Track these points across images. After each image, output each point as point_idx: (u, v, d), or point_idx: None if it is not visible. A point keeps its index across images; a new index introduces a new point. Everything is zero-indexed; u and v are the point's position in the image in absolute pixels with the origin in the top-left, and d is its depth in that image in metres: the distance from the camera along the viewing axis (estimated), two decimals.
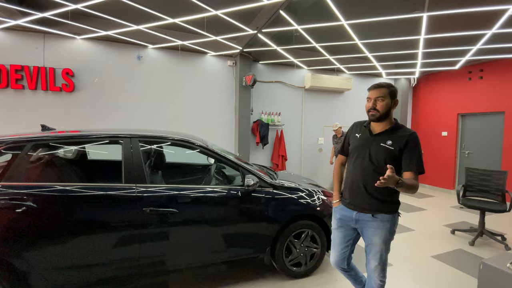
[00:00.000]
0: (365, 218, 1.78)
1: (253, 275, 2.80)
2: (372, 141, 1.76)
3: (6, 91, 4.26)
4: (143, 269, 2.19)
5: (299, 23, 3.90)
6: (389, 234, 1.75)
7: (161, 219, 2.17)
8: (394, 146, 1.69)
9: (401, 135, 1.71)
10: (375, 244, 1.77)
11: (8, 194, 1.86)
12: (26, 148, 2.01)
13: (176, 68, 5.23)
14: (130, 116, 4.93)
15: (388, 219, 1.74)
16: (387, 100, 1.72)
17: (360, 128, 1.88)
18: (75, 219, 2.01)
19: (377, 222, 1.74)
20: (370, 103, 1.75)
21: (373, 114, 1.74)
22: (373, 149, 1.73)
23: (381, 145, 1.72)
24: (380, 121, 1.75)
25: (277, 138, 6.07)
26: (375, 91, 1.75)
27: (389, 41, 4.61)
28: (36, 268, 1.90)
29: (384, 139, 1.73)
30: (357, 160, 1.80)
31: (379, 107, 1.72)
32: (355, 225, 1.84)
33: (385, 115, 1.73)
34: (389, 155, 1.69)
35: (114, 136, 2.29)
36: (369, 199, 1.76)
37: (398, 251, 3.44)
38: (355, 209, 1.81)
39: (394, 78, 7.29)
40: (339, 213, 1.92)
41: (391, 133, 1.74)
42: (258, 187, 2.49)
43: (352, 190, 1.82)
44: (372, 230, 1.77)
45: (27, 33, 4.30)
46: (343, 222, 1.90)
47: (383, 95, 1.72)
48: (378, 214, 1.73)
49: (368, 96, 1.77)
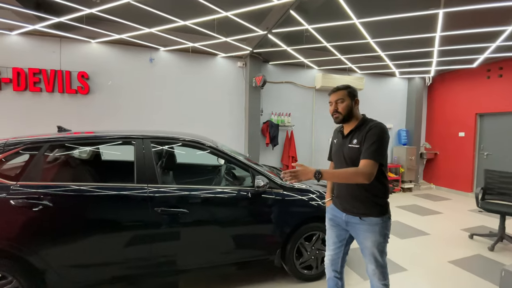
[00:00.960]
0: (354, 221, 1.77)
1: (263, 277, 2.78)
2: (344, 143, 1.81)
3: (25, 94, 4.42)
4: (154, 269, 2.21)
5: (309, 23, 3.85)
6: (381, 237, 1.71)
7: (172, 219, 2.19)
8: (359, 144, 1.70)
9: (364, 130, 1.71)
10: (367, 248, 1.75)
11: (26, 193, 1.92)
12: (43, 149, 2.08)
13: (186, 70, 5.28)
14: (142, 117, 5.02)
15: (377, 222, 1.71)
16: (347, 101, 1.77)
17: (336, 134, 1.94)
18: (89, 218, 2.05)
19: (365, 226, 1.73)
20: (332, 106, 1.81)
21: (337, 117, 1.79)
22: (346, 151, 1.77)
23: (350, 146, 1.75)
24: (346, 122, 1.80)
25: (287, 139, 6.03)
26: (334, 94, 1.81)
27: (403, 39, 4.49)
28: (52, 266, 1.95)
29: (352, 139, 1.76)
30: (337, 165, 1.85)
31: (341, 109, 1.77)
32: (346, 227, 1.84)
33: (348, 116, 1.78)
34: (357, 154, 1.68)
35: (127, 137, 2.33)
36: (354, 202, 1.76)
37: (413, 256, 3.34)
38: (344, 210, 1.82)
39: (408, 77, 7.11)
40: (331, 213, 1.95)
41: (357, 130, 1.76)
42: (268, 188, 2.47)
43: (340, 194, 1.85)
44: (362, 234, 1.75)
45: (44, 38, 4.45)
46: (335, 222, 1.92)
47: (342, 96, 1.78)
48: (366, 217, 1.72)
49: (330, 100, 1.83)
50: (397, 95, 7.17)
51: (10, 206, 1.87)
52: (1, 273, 1.87)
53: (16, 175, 1.97)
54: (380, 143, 1.63)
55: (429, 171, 7.47)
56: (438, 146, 7.26)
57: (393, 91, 7.12)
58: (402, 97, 7.24)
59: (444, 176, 7.08)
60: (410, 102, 7.19)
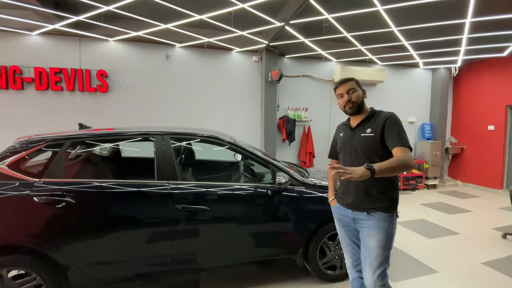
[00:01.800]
0: (361, 217, 1.68)
1: (286, 277, 2.70)
2: (353, 134, 1.74)
3: (47, 93, 4.53)
4: (175, 266, 2.18)
5: (329, 12, 3.68)
6: (388, 236, 1.61)
7: (192, 216, 2.14)
8: (374, 132, 1.65)
9: (378, 120, 1.67)
10: (372, 248, 1.62)
11: (48, 190, 1.93)
12: (65, 146, 2.08)
13: (202, 65, 5.24)
14: (159, 113, 5.04)
15: (385, 218, 1.62)
16: (358, 90, 1.73)
17: (342, 128, 1.88)
18: (111, 215, 2.05)
19: (373, 221, 1.63)
20: (344, 97, 1.73)
21: (350, 107, 1.72)
22: (356, 142, 1.70)
23: (362, 136, 1.68)
24: (357, 113, 1.74)
25: (304, 134, 5.89)
26: (343, 85, 1.74)
27: (429, 27, 4.22)
28: (74, 262, 1.95)
29: (364, 128, 1.70)
30: (344, 156, 1.78)
31: (354, 98, 1.71)
32: (354, 224, 1.75)
33: (360, 105, 1.73)
34: (372, 142, 1.64)
35: (146, 134, 2.30)
36: (361, 195, 1.67)
37: (443, 256, 3.15)
38: (350, 207, 1.73)
39: (432, 68, 6.75)
40: (338, 213, 1.85)
41: (369, 121, 1.71)
42: (289, 185, 2.37)
43: (346, 188, 1.77)
44: (367, 231, 1.65)
45: (64, 37, 4.52)
46: (343, 222, 1.82)
47: (353, 86, 1.72)
48: (374, 212, 1.63)
49: (339, 92, 1.76)
50: (421, 87, 6.83)
51: (34, 203, 1.88)
52: (25, 270, 1.89)
53: (39, 172, 1.98)
54: (403, 130, 1.61)
55: (455, 167, 7.09)
56: (465, 141, 6.87)
57: (416, 83, 6.78)
58: (426, 89, 6.89)
59: (471, 172, 6.70)
60: (434, 94, 6.83)
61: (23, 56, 4.39)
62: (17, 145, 2.03)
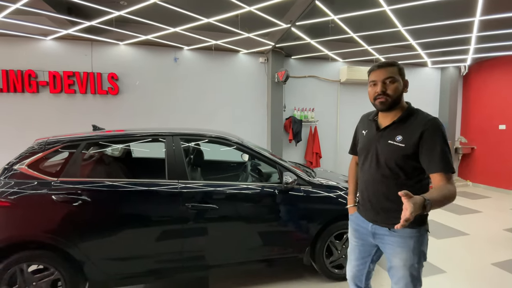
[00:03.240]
0: (382, 232, 1.41)
1: (292, 275, 2.74)
2: (379, 138, 1.39)
3: (61, 96, 4.68)
4: (185, 263, 2.25)
5: (335, 13, 3.71)
6: (414, 256, 1.34)
7: (202, 214, 2.21)
8: (406, 142, 1.29)
9: (414, 126, 1.30)
10: (396, 268, 1.38)
11: (65, 189, 2.02)
12: (81, 147, 2.17)
13: (209, 67, 5.32)
14: (168, 115, 5.14)
15: (411, 234, 1.33)
16: (398, 81, 1.34)
17: (366, 123, 1.51)
18: (124, 213, 2.13)
19: (395, 238, 1.36)
20: (378, 87, 1.34)
21: (382, 102, 1.34)
22: (380, 149, 1.36)
23: (389, 143, 1.34)
24: (391, 109, 1.36)
25: (310, 134, 5.90)
26: (381, 71, 1.34)
27: (437, 26, 4.19)
28: (90, 258, 2.04)
29: (393, 133, 1.34)
30: (365, 164, 1.46)
31: (391, 90, 1.33)
32: (373, 239, 1.47)
33: (397, 101, 1.35)
34: (400, 155, 1.30)
35: (157, 135, 2.38)
36: (381, 210, 1.39)
37: (452, 257, 3.13)
38: (371, 220, 1.45)
39: (441, 67, 6.66)
40: (355, 223, 1.57)
41: (402, 123, 1.34)
42: (296, 185, 2.41)
43: (363, 199, 1.49)
44: (391, 249, 1.38)
45: (76, 42, 4.67)
46: (360, 234, 1.54)
47: (393, 75, 1.33)
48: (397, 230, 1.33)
49: (373, 79, 1.37)
50: (429, 86, 6.75)
51: (52, 201, 1.97)
52: (44, 265, 1.99)
53: (57, 172, 2.08)
54: (448, 146, 1.26)
55: (465, 167, 6.98)
56: (475, 140, 6.75)
57: (424, 82, 6.71)
58: (435, 88, 6.81)
59: (482, 172, 6.58)
60: (443, 94, 6.74)
61: (38, 60, 4.56)
62: (35, 146, 2.14)
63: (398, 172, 1.33)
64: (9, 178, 2.00)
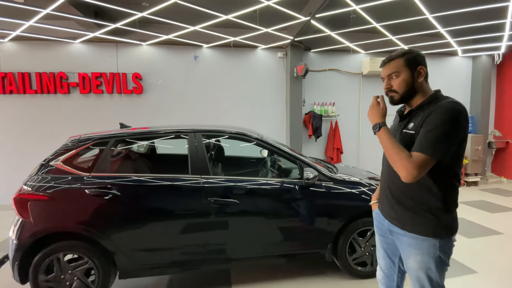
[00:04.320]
0: (396, 230, 1.35)
1: (314, 271, 2.73)
2: (399, 128, 1.37)
3: (89, 96, 4.94)
4: (208, 256, 2.32)
5: (357, 2, 3.58)
6: (430, 259, 1.24)
7: (223, 209, 2.26)
8: (415, 129, 1.25)
9: (425, 111, 1.24)
10: (410, 270, 1.33)
11: (97, 183, 2.14)
12: (110, 143, 2.29)
13: (228, 64, 5.37)
14: (189, 112, 5.26)
15: (427, 240, 1.24)
16: (404, 73, 1.28)
17: (396, 114, 1.50)
18: (151, 207, 2.22)
19: (409, 239, 1.28)
20: (384, 83, 1.37)
21: (392, 96, 1.34)
22: (398, 139, 1.32)
23: (403, 132, 1.31)
24: (407, 101, 1.34)
25: (331, 129, 5.78)
26: (385, 67, 1.35)
27: (468, 12, 3.92)
28: (120, 249, 2.15)
29: (408, 122, 1.32)
30: (385, 155, 1.38)
31: (396, 85, 1.30)
32: (391, 236, 1.41)
33: (408, 93, 1.30)
34: (411, 143, 1.23)
35: (180, 131, 2.46)
36: (394, 205, 1.34)
37: (484, 257, 2.96)
38: (385, 217, 1.41)
39: (473, 55, 6.25)
40: (377, 220, 1.52)
41: (418, 111, 1.29)
42: (317, 180, 2.39)
43: (382, 193, 1.45)
44: (405, 249, 1.32)
45: (103, 44, 4.88)
46: (381, 231, 1.49)
47: (396, 69, 1.30)
48: (411, 233, 1.28)
49: (382, 76, 1.39)
50: (459, 76, 6.36)
51: (85, 194, 2.10)
52: (79, 254, 2.13)
53: (88, 167, 2.20)
54: (443, 129, 1.14)
55: (499, 162, 6.53)
56: (510, 134, 6.29)
57: (455, 72, 6.33)
58: (465, 79, 6.40)
59: None
60: (475, 84, 6.33)
61: (68, 62, 4.82)
62: (69, 143, 2.28)
63: None
64: (46, 174, 2.15)
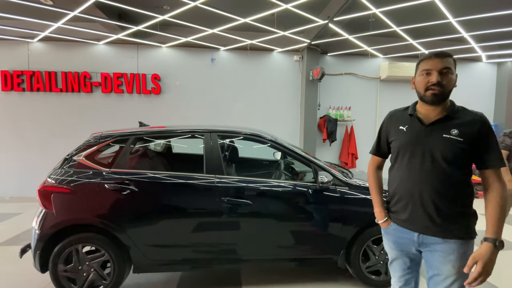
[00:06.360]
0: (432, 241, 1.30)
1: (325, 277, 2.69)
2: (429, 132, 1.30)
3: (111, 95, 5.13)
4: (219, 255, 2.33)
5: (377, 6, 3.53)
6: (465, 263, 1.25)
7: (236, 209, 2.27)
8: (464, 136, 1.23)
9: (467, 121, 1.26)
10: (446, 275, 1.29)
11: (116, 179, 2.22)
12: (130, 141, 2.36)
13: (244, 67, 5.43)
14: (205, 113, 5.37)
15: (469, 241, 1.30)
16: (453, 73, 1.28)
17: (403, 119, 1.40)
18: (166, 204, 2.28)
19: (450, 245, 1.27)
20: (433, 76, 1.25)
21: (435, 94, 1.25)
22: (434, 144, 1.27)
23: (445, 137, 1.26)
24: (439, 103, 1.28)
25: (346, 134, 5.70)
26: (439, 60, 1.25)
27: (494, 16, 3.78)
28: (135, 243, 2.20)
29: (447, 128, 1.27)
30: (411, 161, 1.32)
31: (447, 82, 1.25)
32: (418, 247, 1.36)
33: (448, 95, 1.29)
34: (460, 149, 1.23)
35: (196, 131, 2.51)
36: (437, 216, 1.27)
37: (508, 273, 2.81)
38: (416, 229, 1.33)
39: (498, 61, 5.99)
40: (394, 235, 1.43)
41: (452, 119, 1.28)
42: (332, 185, 2.35)
43: (410, 203, 1.33)
44: (442, 257, 1.29)
45: (124, 45, 5.08)
46: (401, 246, 1.42)
47: (450, 66, 1.26)
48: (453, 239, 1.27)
49: (427, 68, 1.27)
50: (483, 83, 6.11)
51: (105, 189, 2.18)
52: (96, 247, 2.20)
53: (108, 163, 2.29)
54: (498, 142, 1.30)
55: None
56: None
57: (478, 78, 6.09)
58: (490, 86, 6.15)
59: None
60: (500, 91, 6.06)
61: (91, 63, 5.05)
62: (91, 139, 2.37)
63: (455, 169, 1.27)
64: (69, 167, 2.25)
